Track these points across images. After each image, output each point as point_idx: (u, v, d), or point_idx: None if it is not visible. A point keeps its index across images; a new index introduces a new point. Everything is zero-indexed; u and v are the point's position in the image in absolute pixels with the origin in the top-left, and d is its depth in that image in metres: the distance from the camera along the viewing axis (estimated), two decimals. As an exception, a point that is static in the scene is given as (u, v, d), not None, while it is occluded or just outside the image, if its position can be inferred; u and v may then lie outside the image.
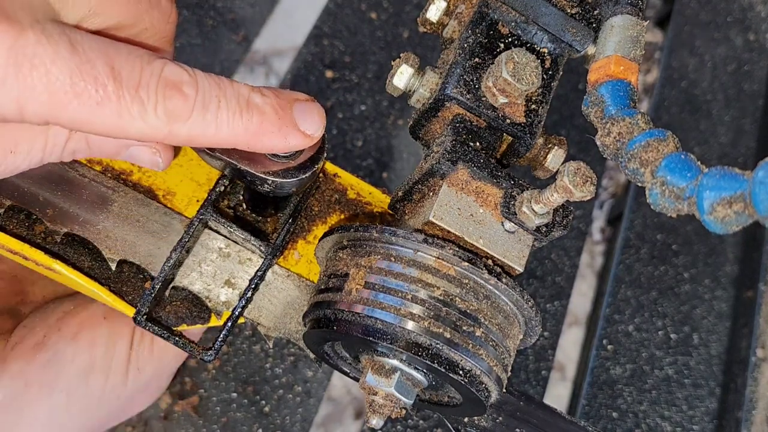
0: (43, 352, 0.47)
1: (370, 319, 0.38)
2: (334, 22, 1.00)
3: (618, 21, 0.40)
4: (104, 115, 0.31)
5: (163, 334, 0.44)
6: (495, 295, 0.39)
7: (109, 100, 0.31)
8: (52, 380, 0.47)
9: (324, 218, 0.50)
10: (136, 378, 0.50)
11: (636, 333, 0.95)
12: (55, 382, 0.47)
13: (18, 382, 0.47)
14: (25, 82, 0.29)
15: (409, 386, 0.40)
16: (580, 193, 0.35)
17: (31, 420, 0.47)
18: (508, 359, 0.41)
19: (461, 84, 0.41)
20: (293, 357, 0.79)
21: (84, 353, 0.48)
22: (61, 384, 0.47)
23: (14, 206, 0.45)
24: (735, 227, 0.31)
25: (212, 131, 0.34)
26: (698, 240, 1.03)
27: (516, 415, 0.45)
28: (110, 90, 0.31)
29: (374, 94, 0.97)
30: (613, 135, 0.36)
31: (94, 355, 0.48)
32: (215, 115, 0.34)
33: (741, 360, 0.95)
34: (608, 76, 0.38)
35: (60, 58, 0.29)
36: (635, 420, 0.91)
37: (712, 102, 1.13)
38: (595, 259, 1.13)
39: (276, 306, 0.48)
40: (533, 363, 0.89)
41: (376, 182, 0.79)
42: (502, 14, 0.43)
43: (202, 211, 0.44)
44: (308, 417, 0.78)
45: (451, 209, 0.40)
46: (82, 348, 0.48)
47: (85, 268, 0.45)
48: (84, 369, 0.48)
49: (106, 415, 0.51)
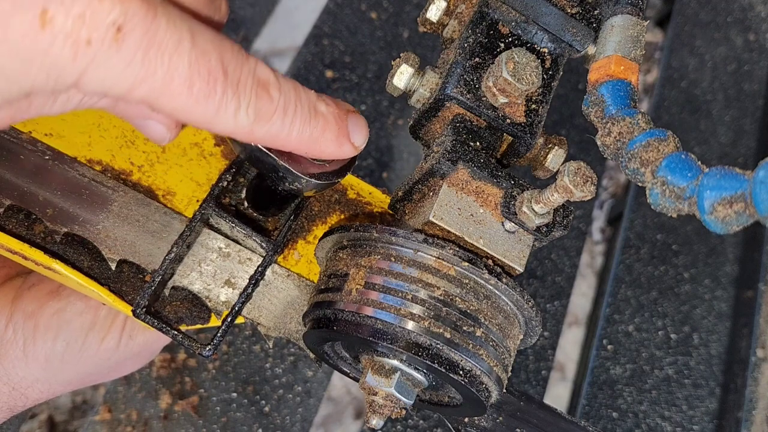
0: (56, 300, 0.51)
1: (370, 319, 0.38)
2: (334, 22, 1.00)
3: (618, 21, 0.40)
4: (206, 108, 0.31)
5: (162, 327, 0.44)
6: (495, 295, 0.39)
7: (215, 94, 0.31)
8: (56, 328, 0.50)
9: (324, 218, 0.50)
10: (127, 344, 0.52)
11: (636, 333, 0.95)
12: (59, 331, 0.50)
13: (29, 323, 0.50)
14: (148, 66, 0.29)
15: (409, 386, 0.40)
16: (580, 193, 0.35)
17: (32, 360, 0.51)
18: (508, 359, 0.41)
19: (461, 84, 0.41)
20: (293, 357, 0.79)
21: (90, 311, 0.51)
22: (64, 334, 0.50)
23: (14, 206, 0.45)
24: (735, 227, 0.31)
25: (285, 135, 0.34)
26: (698, 240, 1.03)
27: (516, 415, 0.45)
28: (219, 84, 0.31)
29: (374, 94, 0.97)
30: (614, 135, 0.36)
31: (98, 315, 0.51)
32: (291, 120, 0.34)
33: (741, 360, 0.95)
34: (608, 76, 0.38)
35: (182, 47, 0.29)
36: (635, 420, 0.91)
37: (712, 102, 1.13)
38: (595, 259, 1.13)
39: (276, 306, 0.48)
40: (533, 363, 0.89)
41: (376, 182, 0.79)
42: (502, 14, 0.43)
43: (205, 206, 0.45)
44: (308, 417, 0.78)
45: (451, 209, 0.40)
46: (91, 306, 0.51)
47: (84, 268, 0.45)
48: (86, 326, 0.51)
49: (94, 371, 0.54)
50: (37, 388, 0.53)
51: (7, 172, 0.44)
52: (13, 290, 0.52)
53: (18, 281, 0.52)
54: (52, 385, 0.53)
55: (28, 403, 0.54)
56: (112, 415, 0.72)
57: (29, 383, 0.52)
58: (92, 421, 0.72)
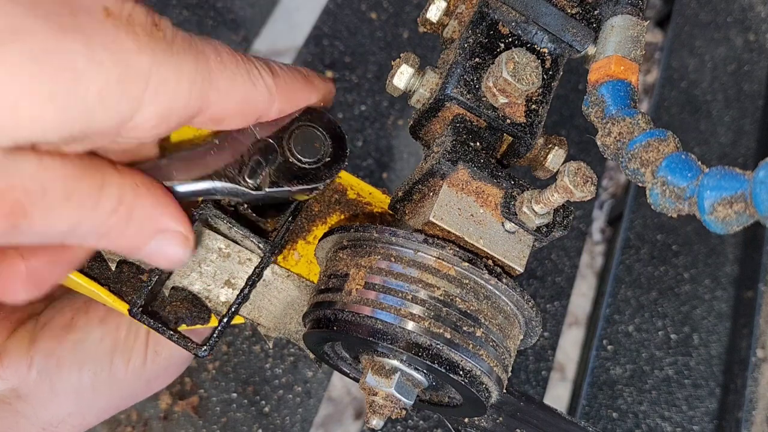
0: (73, 333, 0.49)
1: (370, 320, 0.38)
2: (334, 22, 1.00)
3: (618, 21, 0.40)
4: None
5: (158, 327, 0.44)
6: (495, 295, 0.39)
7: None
8: (81, 360, 0.49)
9: (324, 218, 0.50)
10: (153, 360, 0.52)
11: (636, 333, 0.95)
12: (84, 362, 0.49)
13: (51, 361, 0.49)
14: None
15: (409, 387, 0.40)
16: (580, 194, 0.35)
17: (62, 397, 0.49)
18: (508, 360, 0.41)
19: (461, 84, 0.41)
20: (293, 357, 0.79)
21: (110, 335, 0.50)
22: (89, 364, 0.49)
23: (14, 206, 0.45)
24: (736, 227, 0.31)
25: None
26: (698, 240, 1.03)
27: (516, 416, 0.45)
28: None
29: (374, 95, 0.97)
30: (614, 135, 0.36)
31: (118, 337, 0.50)
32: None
33: (741, 360, 0.95)
34: (608, 76, 0.38)
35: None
36: (635, 420, 0.91)
37: (712, 102, 1.13)
38: (595, 260, 1.13)
39: (276, 306, 0.48)
40: (533, 363, 0.89)
41: (376, 182, 0.79)
42: (502, 14, 0.43)
43: (203, 206, 0.45)
44: (308, 417, 0.78)
45: (451, 209, 0.40)
46: (109, 330, 0.50)
47: (84, 268, 0.45)
48: (109, 351, 0.50)
49: (128, 395, 0.53)
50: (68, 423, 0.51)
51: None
52: (28, 334, 0.50)
53: (30, 324, 0.51)
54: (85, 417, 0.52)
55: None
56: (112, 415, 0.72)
57: (60, 419, 0.50)
58: (92, 422, 0.72)
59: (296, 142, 0.40)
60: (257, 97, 0.35)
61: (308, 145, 0.40)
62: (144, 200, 0.33)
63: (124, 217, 0.32)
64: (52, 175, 0.28)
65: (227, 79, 0.33)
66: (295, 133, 0.40)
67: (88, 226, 0.30)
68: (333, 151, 0.41)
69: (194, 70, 0.31)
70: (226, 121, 0.35)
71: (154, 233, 0.34)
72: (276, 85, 0.36)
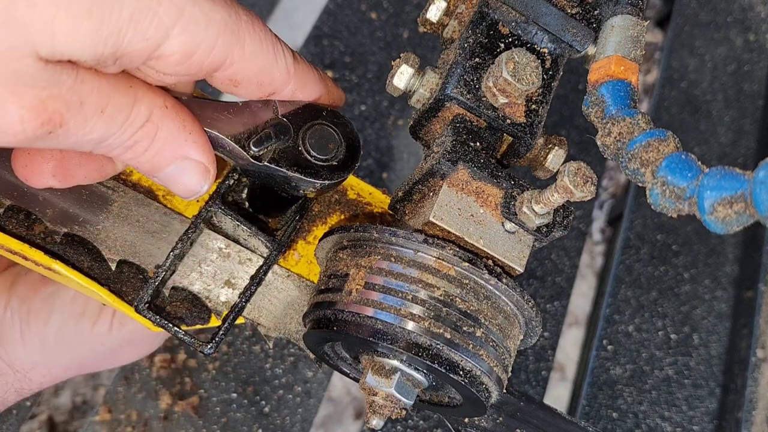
0: (48, 286, 0.53)
1: (370, 320, 0.38)
2: (334, 22, 1.00)
3: (618, 21, 0.40)
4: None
5: (164, 324, 0.44)
6: (495, 295, 0.39)
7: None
8: (48, 311, 0.53)
9: (324, 218, 0.50)
10: (119, 330, 0.54)
11: (636, 333, 0.95)
12: (51, 315, 0.53)
13: (23, 306, 0.53)
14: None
15: (409, 387, 0.40)
16: (580, 194, 0.35)
17: (28, 343, 0.53)
18: (508, 360, 0.41)
19: (461, 84, 0.41)
20: (293, 357, 0.79)
21: (81, 297, 0.53)
22: (55, 317, 0.53)
23: (14, 206, 0.45)
24: (736, 227, 0.31)
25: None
26: (698, 240, 1.03)
27: (516, 416, 0.45)
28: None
29: (374, 94, 0.97)
30: (614, 135, 0.36)
31: (88, 302, 0.54)
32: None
33: (741, 360, 0.95)
34: (608, 76, 0.38)
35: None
36: (635, 420, 0.91)
37: (712, 102, 1.13)
38: (595, 260, 1.13)
39: (276, 306, 0.48)
40: (533, 363, 0.89)
41: (376, 182, 0.79)
42: (502, 14, 0.43)
43: (211, 203, 0.45)
44: (308, 417, 0.78)
45: (451, 209, 0.40)
46: (81, 294, 0.53)
47: (84, 268, 0.45)
48: (77, 311, 0.53)
49: (91, 357, 0.56)
50: (38, 372, 0.55)
51: (7, 173, 0.44)
52: (12, 276, 0.54)
53: (16, 268, 0.55)
54: (51, 368, 0.55)
55: (33, 386, 0.56)
56: (112, 415, 0.72)
57: (30, 366, 0.54)
58: (92, 422, 0.72)
59: (312, 136, 0.40)
60: (276, 71, 0.36)
61: (323, 142, 0.40)
62: (170, 121, 0.34)
63: (150, 133, 0.33)
64: (89, 88, 0.29)
65: (254, 43, 0.34)
66: (315, 127, 0.40)
67: (117, 138, 0.32)
68: (343, 158, 0.41)
69: (224, 22, 0.32)
70: (242, 86, 0.35)
71: (176, 157, 0.35)
72: (295, 67, 0.37)
